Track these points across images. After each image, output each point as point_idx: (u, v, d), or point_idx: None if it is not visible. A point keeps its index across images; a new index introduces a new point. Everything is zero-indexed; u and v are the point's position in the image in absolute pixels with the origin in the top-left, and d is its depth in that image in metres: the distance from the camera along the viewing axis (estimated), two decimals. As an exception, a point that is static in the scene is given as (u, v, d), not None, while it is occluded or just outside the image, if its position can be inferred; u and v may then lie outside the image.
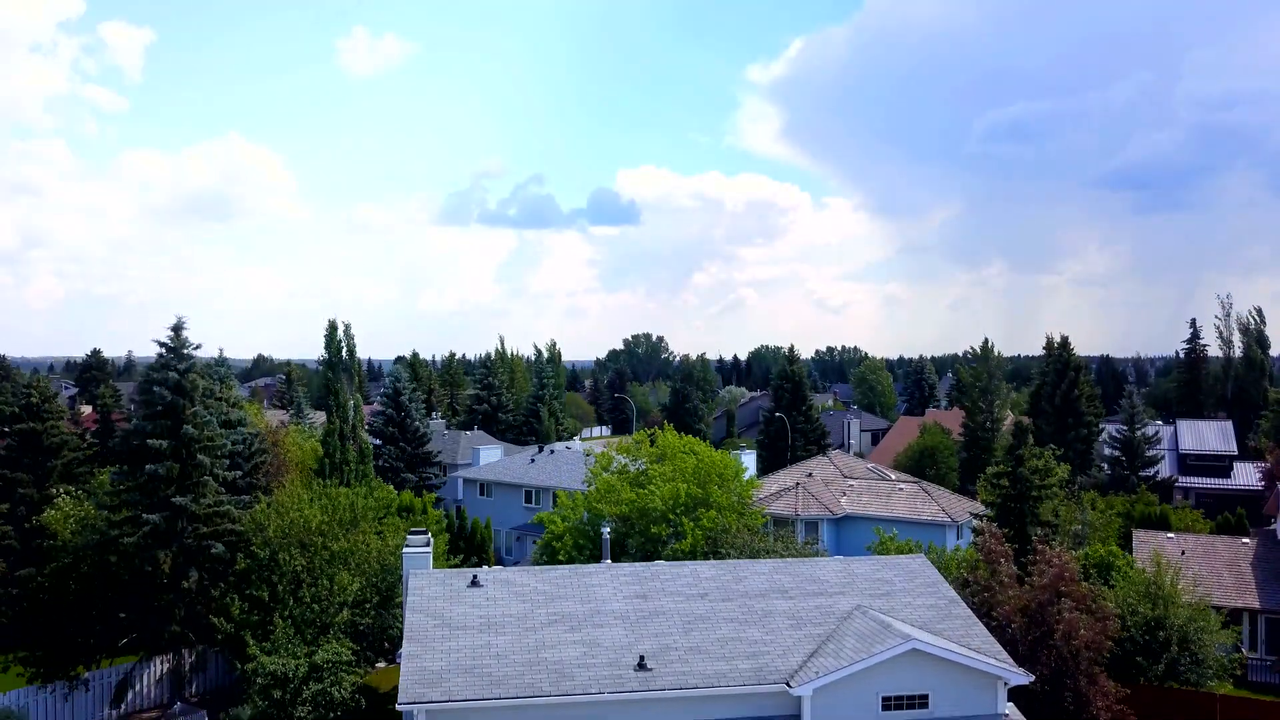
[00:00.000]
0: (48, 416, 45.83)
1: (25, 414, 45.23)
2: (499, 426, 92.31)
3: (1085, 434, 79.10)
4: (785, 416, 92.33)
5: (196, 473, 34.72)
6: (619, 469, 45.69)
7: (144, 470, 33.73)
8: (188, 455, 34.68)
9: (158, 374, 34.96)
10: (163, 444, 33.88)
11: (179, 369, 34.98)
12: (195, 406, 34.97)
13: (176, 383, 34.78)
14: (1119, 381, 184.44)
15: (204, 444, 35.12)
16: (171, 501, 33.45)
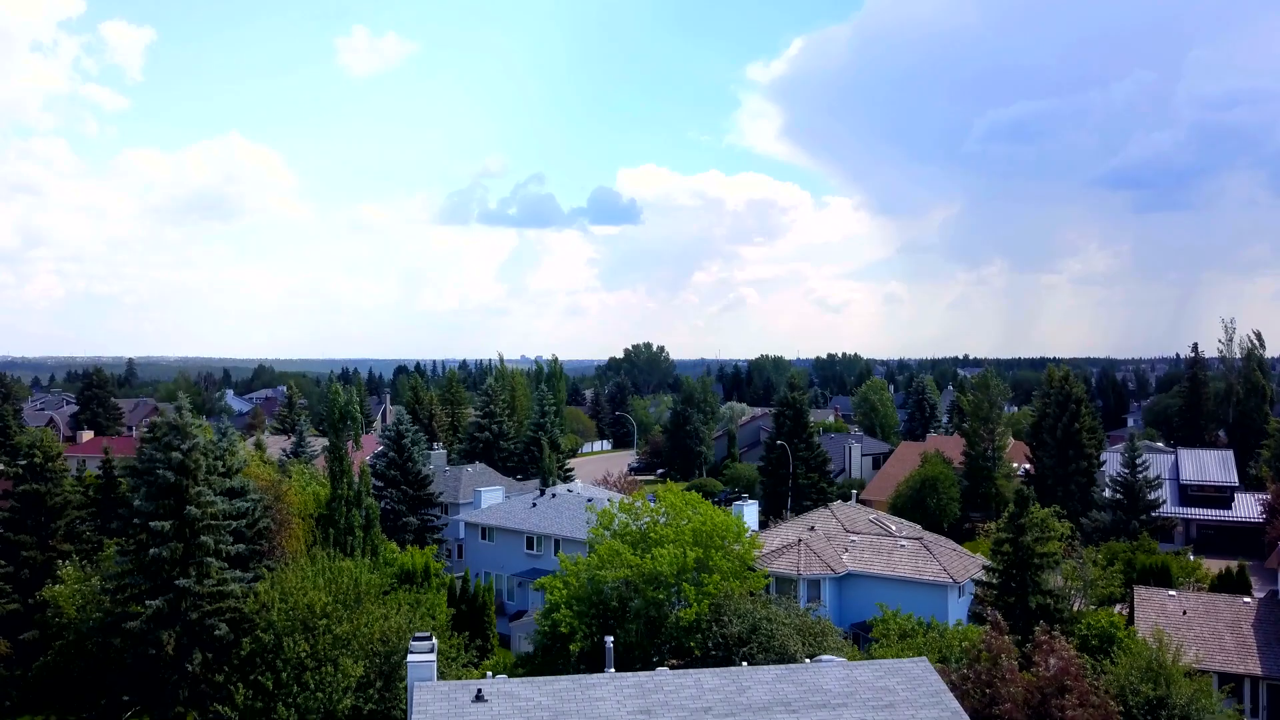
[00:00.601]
0: (50, 476, 45.87)
1: (29, 475, 45.30)
2: (500, 454, 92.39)
3: (1086, 466, 79.30)
4: (787, 444, 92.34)
5: (199, 552, 34.78)
6: (621, 526, 45.75)
7: (147, 553, 33.79)
8: (191, 535, 34.75)
9: (160, 454, 34.98)
10: (165, 525, 33.94)
11: (182, 449, 35.01)
12: (198, 486, 35.00)
13: (180, 463, 34.82)
14: (1120, 394, 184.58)
15: (207, 523, 35.17)
16: (175, 584, 33.50)
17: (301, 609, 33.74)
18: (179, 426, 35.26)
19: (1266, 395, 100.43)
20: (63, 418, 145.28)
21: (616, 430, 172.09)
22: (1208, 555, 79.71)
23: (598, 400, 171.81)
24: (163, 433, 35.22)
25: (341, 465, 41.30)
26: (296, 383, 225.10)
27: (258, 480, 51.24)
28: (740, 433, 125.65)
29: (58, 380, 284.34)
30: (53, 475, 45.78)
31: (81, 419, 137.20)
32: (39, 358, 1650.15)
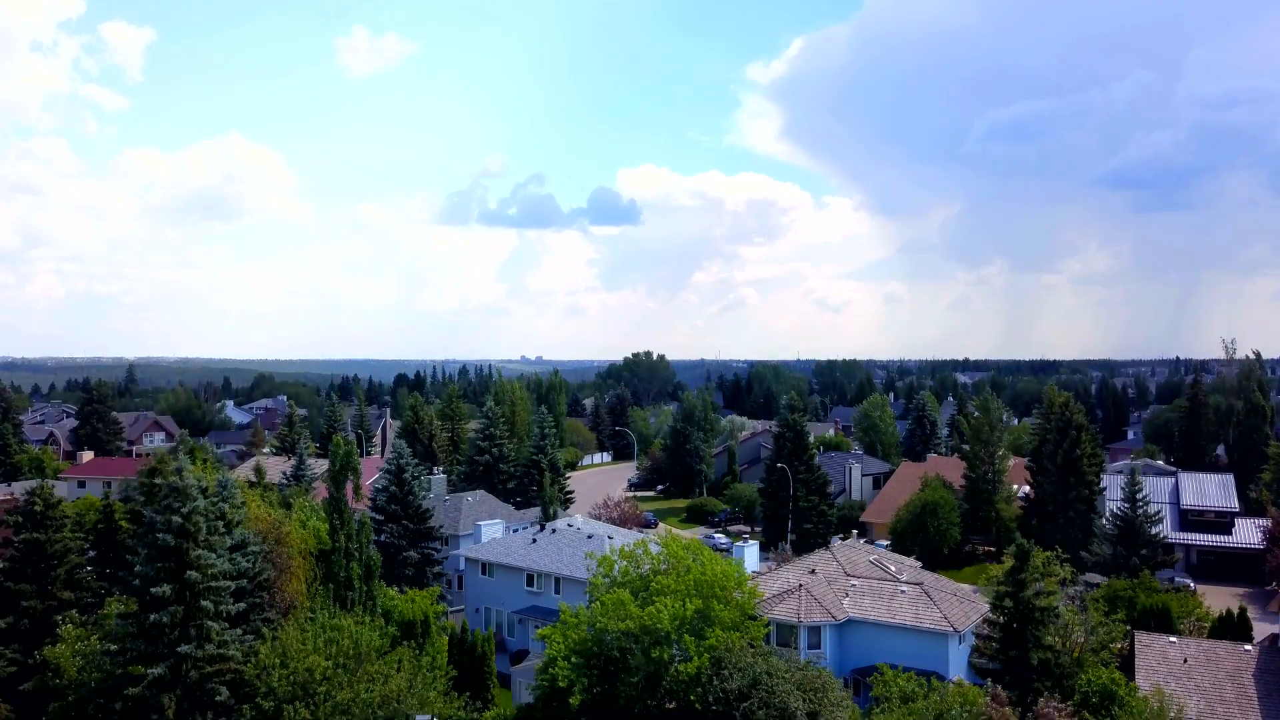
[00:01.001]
0: (50, 523, 45.81)
1: (29, 523, 45.26)
2: (500, 477, 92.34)
3: (1087, 494, 79.23)
4: (787, 466, 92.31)
5: (200, 615, 34.72)
6: (622, 572, 45.76)
7: (148, 617, 33.73)
8: (191, 598, 34.69)
9: (160, 516, 34.92)
10: (166, 590, 33.90)
11: (183, 512, 34.95)
12: (199, 549, 34.95)
13: (180, 526, 34.77)
14: (1120, 405, 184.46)
15: (208, 585, 35.11)
16: (176, 650, 33.45)
17: (301, 674, 33.72)
18: (179, 489, 35.20)
19: (1266, 416, 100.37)
20: (62, 432, 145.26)
21: (617, 442, 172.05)
22: (1208, 581, 79.78)
23: (598, 412, 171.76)
24: (163, 494, 35.16)
25: (341, 517, 41.24)
26: (296, 392, 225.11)
27: (258, 522, 51.23)
28: (740, 449, 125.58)
29: (57, 389, 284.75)
30: (52, 521, 45.71)
31: (81, 434, 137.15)
32: (39, 358, 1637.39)
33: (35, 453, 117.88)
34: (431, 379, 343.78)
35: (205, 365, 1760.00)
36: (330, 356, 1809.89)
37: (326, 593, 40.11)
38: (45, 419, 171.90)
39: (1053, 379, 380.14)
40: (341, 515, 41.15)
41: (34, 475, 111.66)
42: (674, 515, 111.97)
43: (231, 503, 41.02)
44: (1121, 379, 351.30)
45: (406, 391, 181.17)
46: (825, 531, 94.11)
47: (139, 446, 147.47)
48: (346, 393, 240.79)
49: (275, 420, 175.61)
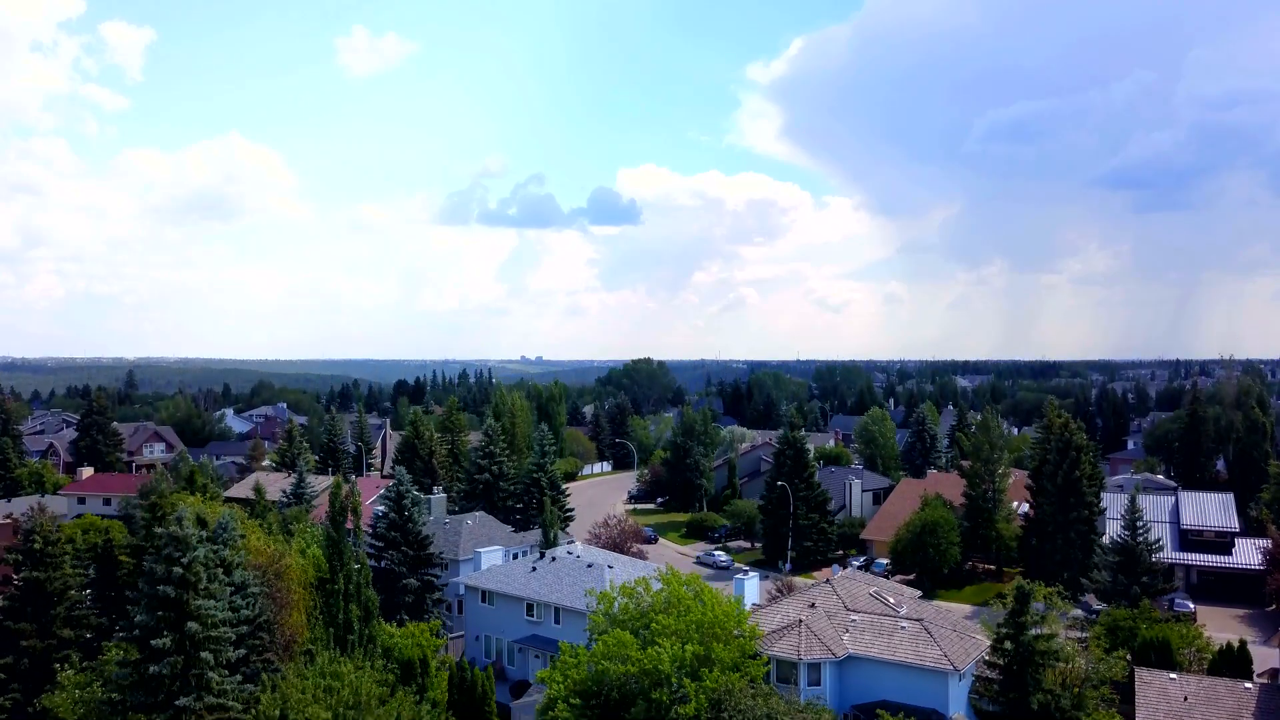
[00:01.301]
0: (50, 560, 45.80)
1: (29, 561, 45.24)
2: (500, 495, 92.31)
3: (1087, 515, 79.19)
4: (787, 484, 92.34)
5: (200, 665, 34.69)
6: (622, 609, 45.75)
7: (147, 668, 33.70)
8: (191, 647, 34.65)
9: (161, 566, 34.88)
10: (166, 642, 33.87)
11: (183, 562, 34.92)
12: (199, 600, 34.92)
13: (180, 577, 34.74)
14: (1120, 412, 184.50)
15: (208, 634, 35.07)
16: (175, 703, 33.43)
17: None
18: (179, 538, 35.16)
19: (1266, 432, 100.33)
20: (62, 443, 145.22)
21: (617, 452, 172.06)
22: (1208, 602, 79.79)
23: (598, 421, 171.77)
24: (163, 543, 35.13)
25: (341, 559, 41.22)
26: (296, 400, 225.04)
27: (258, 555, 51.19)
28: (741, 462, 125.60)
29: (58, 394, 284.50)
30: (52, 559, 45.70)
31: (81, 446, 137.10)
32: (39, 358, 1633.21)
33: (35, 467, 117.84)
34: (431, 384, 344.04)
35: (205, 366, 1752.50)
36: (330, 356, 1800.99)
37: (327, 635, 40.07)
38: (45, 428, 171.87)
39: (1053, 383, 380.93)
40: (341, 557, 41.12)
41: (34, 490, 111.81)
42: (674, 530, 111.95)
43: (231, 545, 40.94)
44: (1121, 383, 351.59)
45: (407, 401, 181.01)
46: (825, 549, 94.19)
47: (138, 458, 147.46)
48: (346, 400, 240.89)
49: (274, 430, 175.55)
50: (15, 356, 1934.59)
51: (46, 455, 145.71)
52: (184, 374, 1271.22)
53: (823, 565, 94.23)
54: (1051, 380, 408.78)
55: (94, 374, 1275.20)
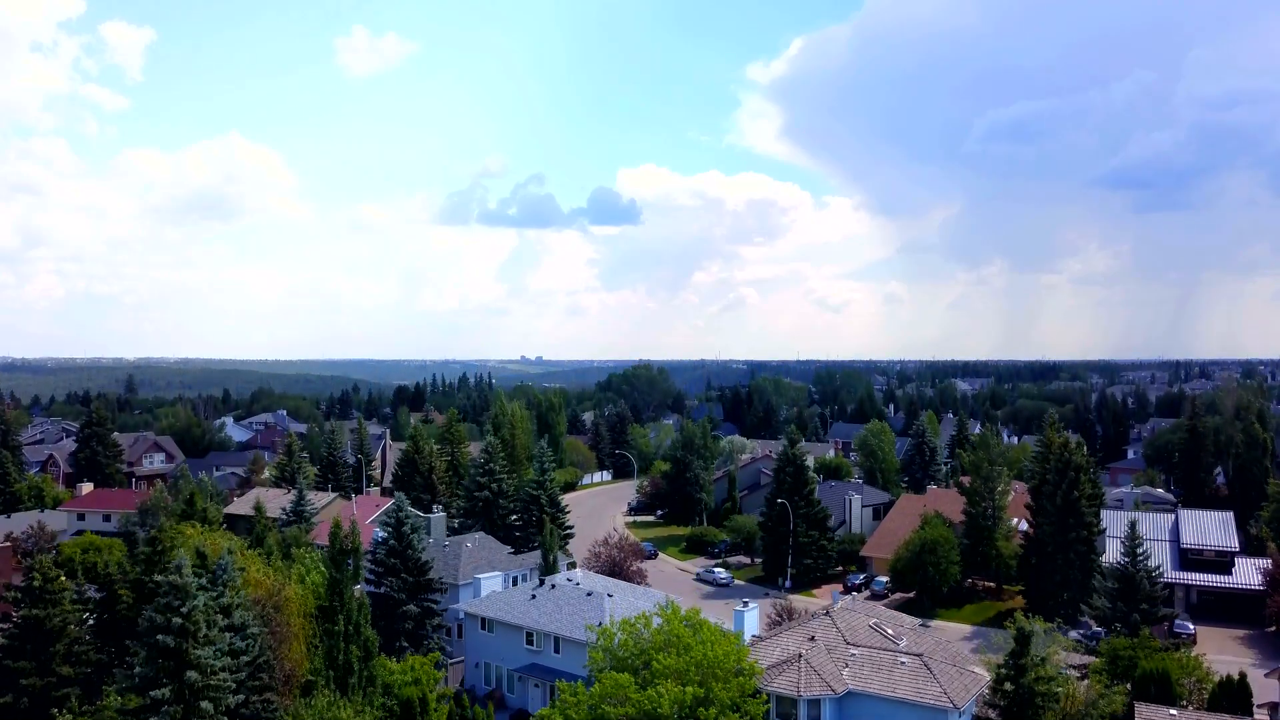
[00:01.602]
0: (50, 598, 45.77)
1: (28, 599, 45.20)
2: (500, 512, 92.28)
3: (1086, 535, 79.14)
4: (787, 501, 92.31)
5: (200, 715, 34.66)
6: (621, 645, 45.77)
7: (148, 718, 33.66)
8: (191, 696, 34.62)
9: (160, 616, 34.84)
10: (165, 692, 33.84)
11: (182, 611, 34.87)
12: (199, 650, 34.88)
13: (180, 626, 34.69)
14: (1120, 420, 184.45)
15: (208, 682, 35.04)
16: (175, 755, 33.40)
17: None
18: (179, 586, 35.12)
19: (1267, 449, 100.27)
20: (62, 454, 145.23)
21: (617, 461, 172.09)
22: (1208, 622, 79.75)
23: (598, 430, 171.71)
24: (164, 592, 35.08)
25: (341, 600, 41.20)
26: (296, 406, 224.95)
27: (257, 587, 51.17)
28: (741, 474, 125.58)
29: (58, 399, 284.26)
30: (52, 596, 45.66)
31: (81, 457, 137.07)
32: (39, 358, 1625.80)
33: (35, 481, 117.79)
34: (431, 388, 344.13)
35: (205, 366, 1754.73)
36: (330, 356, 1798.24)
37: (328, 675, 40.04)
38: (45, 437, 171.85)
39: (1052, 386, 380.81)
40: (341, 597, 41.11)
41: (34, 504, 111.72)
42: (674, 544, 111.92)
43: (231, 586, 40.91)
44: (1121, 386, 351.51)
45: (406, 411, 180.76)
46: (825, 566, 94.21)
47: (139, 468, 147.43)
48: (345, 406, 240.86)
49: (274, 439, 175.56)
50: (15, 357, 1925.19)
51: (46, 467, 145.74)
52: (184, 375, 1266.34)
53: (823, 582, 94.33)
54: (1051, 384, 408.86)
55: (94, 375, 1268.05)
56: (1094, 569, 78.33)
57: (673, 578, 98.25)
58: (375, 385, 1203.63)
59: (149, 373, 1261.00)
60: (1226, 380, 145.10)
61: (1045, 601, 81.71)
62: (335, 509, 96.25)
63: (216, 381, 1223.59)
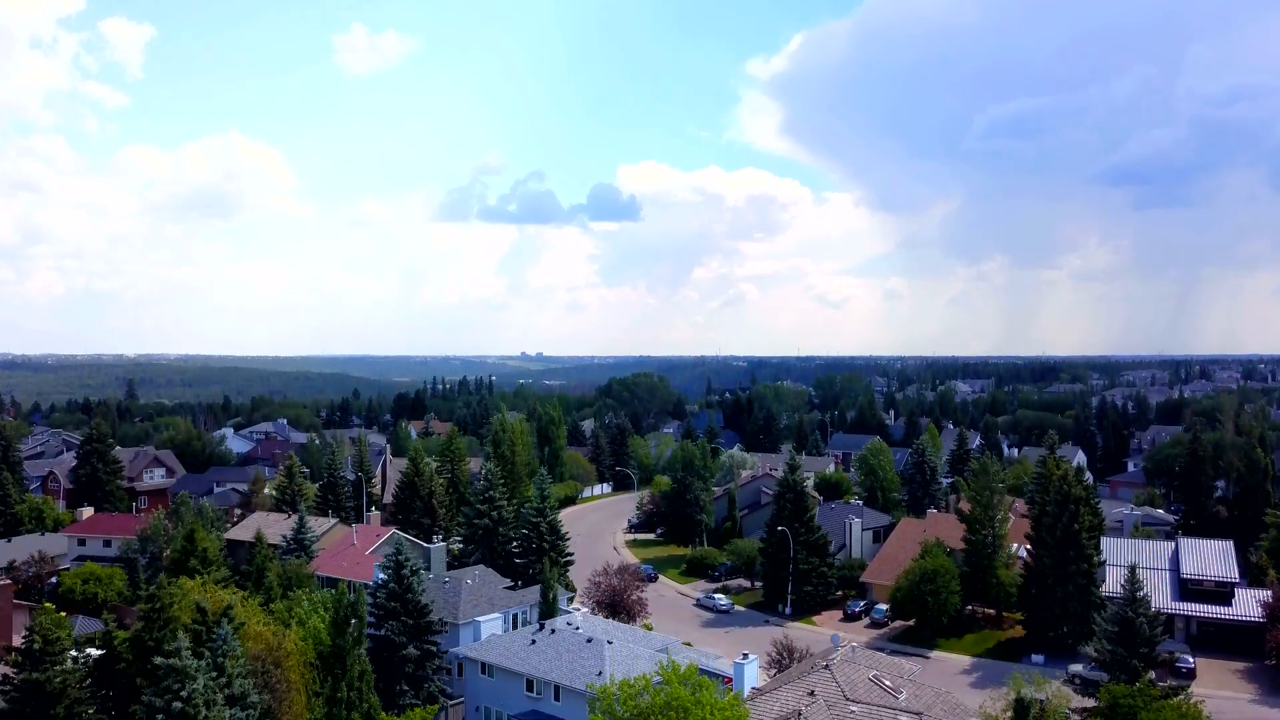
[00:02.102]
0: (51, 658, 45.75)
1: (28, 663, 45.20)
2: (499, 540, 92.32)
3: (1085, 568, 79.24)
4: (788, 529, 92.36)
5: (200, 797, 34.69)
6: (622, 703, 45.78)
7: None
8: (191, 778, 34.64)
9: (160, 699, 34.85)
10: (166, 777, 33.85)
11: (182, 695, 34.90)
12: (197, 732, 34.91)
13: (180, 711, 34.72)
14: (1120, 431, 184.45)
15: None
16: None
17: None
18: (179, 669, 35.14)
19: (1269, 474, 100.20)
20: (62, 470, 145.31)
21: (618, 474, 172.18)
22: (1207, 653, 79.78)
23: (598, 442, 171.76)
24: (163, 674, 35.10)
25: (344, 665, 41.27)
26: (296, 414, 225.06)
27: (257, 641, 51.21)
28: (741, 493, 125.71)
29: (59, 406, 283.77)
30: (53, 656, 45.64)
31: (81, 474, 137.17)
32: (39, 355, 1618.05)
33: (36, 501, 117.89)
34: (431, 391, 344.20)
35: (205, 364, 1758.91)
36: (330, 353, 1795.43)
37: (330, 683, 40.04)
38: (45, 450, 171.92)
39: (1052, 389, 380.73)
40: (344, 664, 41.17)
41: (34, 526, 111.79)
42: (674, 566, 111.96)
43: (231, 656, 40.91)
44: (1121, 390, 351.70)
45: (406, 424, 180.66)
46: (825, 592, 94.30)
47: (139, 483, 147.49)
48: (345, 414, 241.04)
49: (275, 450, 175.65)
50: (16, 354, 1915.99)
51: (46, 484, 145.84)
52: (184, 372, 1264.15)
53: (823, 608, 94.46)
54: (1051, 385, 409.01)
55: (94, 373, 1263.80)
56: (1094, 601, 78.55)
57: (673, 603, 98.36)
58: (375, 384, 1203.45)
59: (149, 370, 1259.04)
60: (1228, 399, 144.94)
61: (1045, 632, 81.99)
62: (336, 535, 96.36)
63: (216, 380, 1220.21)
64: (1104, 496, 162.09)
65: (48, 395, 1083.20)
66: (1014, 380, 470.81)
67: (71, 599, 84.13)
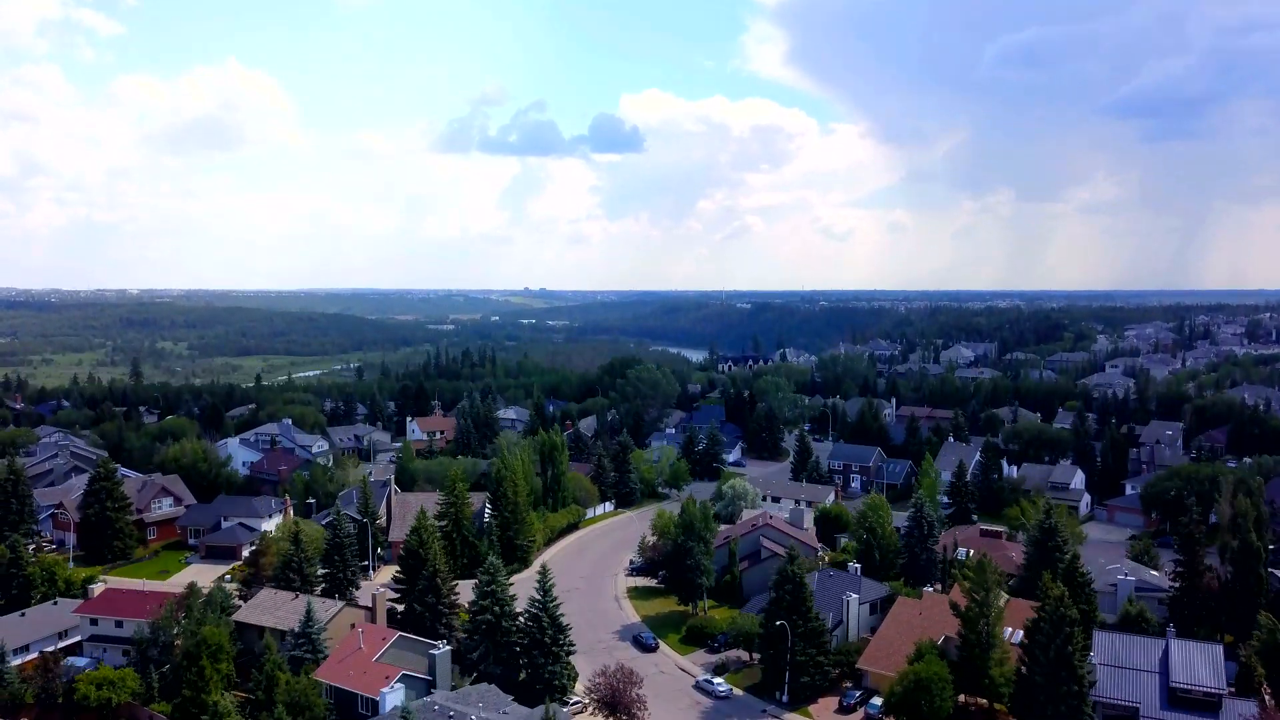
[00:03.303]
0: None
1: None
2: (500, 635, 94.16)
3: (1078, 689, 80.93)
4: (786, 622, 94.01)
5: None
6: None
7: None
8: None
9: None
10: None
11: None
12: None
13: None
14: (1120, 451, 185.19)
15: None
16: None
17: None
18: None
19: (1261, 558, 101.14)
20: (71, 503, 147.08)
21: (620, 490, 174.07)
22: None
23: (600, 463, 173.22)
24: None
25: None
26: (301, 414, 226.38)
27: None
28: (741, 543, 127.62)
29: (65, 408, 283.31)
30: None
31: (90, 513, 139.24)
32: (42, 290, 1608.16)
33: (48, 561, 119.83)
34: (435, 365, 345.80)
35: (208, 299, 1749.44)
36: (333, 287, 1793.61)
37: None
38: (53, 471, 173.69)
39: (1056, 356, 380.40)
40: None
41: (46, 587, 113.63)
42: (674, 628, 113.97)
43: None
44: (1123, 364, 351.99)
45: (411, 452, 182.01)
46: (822, 683, 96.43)
47: (148, 514, 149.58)
48: (350, 413, 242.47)
49: (280, 467, 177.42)
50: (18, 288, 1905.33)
51: (56, 517, 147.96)
52: (188, 313, 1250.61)
53: (819, 695, 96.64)
54: (1055, 354, 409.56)
55: (97, 313, 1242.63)
56: (1086, 714, 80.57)
57: (673, 681, 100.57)
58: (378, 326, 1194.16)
59: (152, 311, 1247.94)
60: (1225, 474, 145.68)
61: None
62: (343, 623, 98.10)
63: (220, 320, 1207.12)
64: (1100, 520, 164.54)
65: (52, 336, 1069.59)
66: (1017, 343, 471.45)
67: (86, 705, 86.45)
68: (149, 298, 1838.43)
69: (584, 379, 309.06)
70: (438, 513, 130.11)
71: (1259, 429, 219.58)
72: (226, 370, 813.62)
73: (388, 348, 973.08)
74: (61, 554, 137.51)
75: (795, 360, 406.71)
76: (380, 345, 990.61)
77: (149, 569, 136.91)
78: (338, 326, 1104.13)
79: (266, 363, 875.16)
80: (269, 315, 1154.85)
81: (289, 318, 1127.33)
